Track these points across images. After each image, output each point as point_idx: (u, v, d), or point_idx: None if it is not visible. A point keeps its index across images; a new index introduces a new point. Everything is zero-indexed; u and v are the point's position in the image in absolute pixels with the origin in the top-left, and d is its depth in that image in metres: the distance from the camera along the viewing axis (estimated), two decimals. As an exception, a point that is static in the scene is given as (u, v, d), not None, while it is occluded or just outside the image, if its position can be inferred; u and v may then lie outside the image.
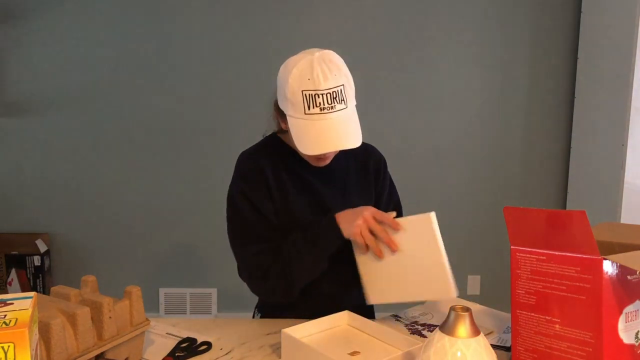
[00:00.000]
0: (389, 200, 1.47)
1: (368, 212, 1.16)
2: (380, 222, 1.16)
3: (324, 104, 1.11)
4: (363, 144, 1.43)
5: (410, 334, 1.19)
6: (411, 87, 2.86)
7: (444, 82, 2.88)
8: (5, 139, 2.74)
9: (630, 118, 2.45)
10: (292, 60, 1.17)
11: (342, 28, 2.78)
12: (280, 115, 1.22)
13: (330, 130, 1.13)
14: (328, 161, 1.27)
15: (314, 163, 1.27)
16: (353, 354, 1.03)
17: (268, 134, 1.38)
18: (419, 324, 1.25)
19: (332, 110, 1.12)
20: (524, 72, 2.92)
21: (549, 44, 2.90)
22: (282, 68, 1.18)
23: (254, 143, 1.38)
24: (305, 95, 1.11)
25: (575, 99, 2.89)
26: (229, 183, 1.33)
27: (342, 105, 1.14)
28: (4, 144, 2.75)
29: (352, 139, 1.15)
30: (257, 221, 1.26)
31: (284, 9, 2.75)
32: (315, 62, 1.13)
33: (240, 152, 1.35)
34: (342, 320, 1.18)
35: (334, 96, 1.12)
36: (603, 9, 2.65)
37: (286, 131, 1.34)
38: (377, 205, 1.42)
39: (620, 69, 2.50)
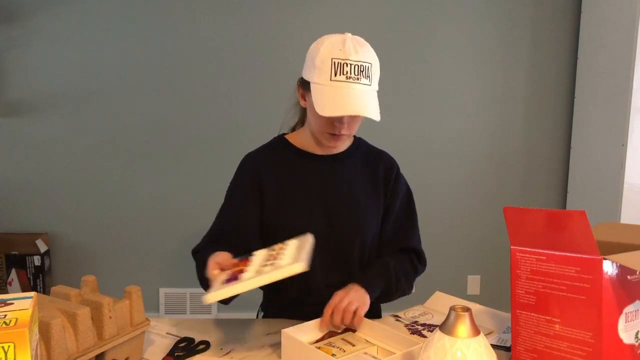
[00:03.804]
0: (399, 208, 1.38)
1: (211, 260, 1.09)
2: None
3: (350, 74, 1.12)
4: (377, 149, 1.40)
5: (410, 334, 1.19)
6: (411, 87, 2.86)
7: (444, 82, 2.88)
8: (5, 139, 2.74)
9: (630, 118, 2.45)
10: (325, 36, 1.19)
11: (342, 28, 2.78)
12: (304, 88, 1.22)
13: (353, 97, 1.12)
14: (341, 142, 1.26)
15: (326, 142, 1.25)
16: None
17: (281, 131, 1.40)
18: (419, 324, 1.25)
19: (358, 82, 1.13)
20: (524, 72, 2.92)
21: (549, 44, 2.90)
22: (314, 44, 1.20)
23: (255, 144, 1.39)
24: (334, 62, 1.13)
25: (575, 99, 2.89)
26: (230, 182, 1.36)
27: (367, 82, 1.15)
28: (4, 144, 2.75)
29: (373, 111, 1.14)
30: (235, 218, 1.30)
31: (285, 10, 2.75)
32: (348, 38, 1.16)
33: (243, 152, 1.37)
34: (342, 320, 1.17)
35: (361, 69, 1.14)
36: (603, 9, 2.65)
37: (296, 127, 1.36)
38: (387, 213, 1.36)
39: (620, 69, 2.50)
